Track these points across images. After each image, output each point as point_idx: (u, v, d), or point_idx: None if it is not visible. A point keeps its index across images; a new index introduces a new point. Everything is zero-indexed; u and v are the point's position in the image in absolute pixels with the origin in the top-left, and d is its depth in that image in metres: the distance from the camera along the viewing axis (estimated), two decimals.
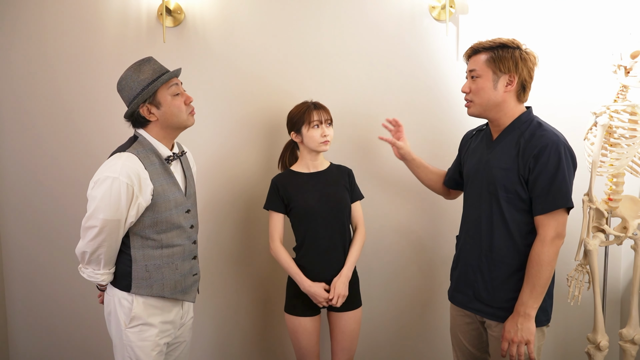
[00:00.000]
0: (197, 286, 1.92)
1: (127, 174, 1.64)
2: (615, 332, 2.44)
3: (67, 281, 2.47)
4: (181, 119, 1.75)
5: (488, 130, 1.87)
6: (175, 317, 1.84)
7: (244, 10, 2.36)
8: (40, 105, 2.39)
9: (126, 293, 1.76)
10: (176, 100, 1.74)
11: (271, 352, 2.55)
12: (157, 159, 1.74)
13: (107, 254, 1.72)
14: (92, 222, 1.67)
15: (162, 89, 1.72)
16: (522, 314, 1.68)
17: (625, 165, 2.10)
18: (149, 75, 1.71)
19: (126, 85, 1.73)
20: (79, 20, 2.34)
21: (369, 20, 2.38)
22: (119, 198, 1.64)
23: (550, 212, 1.67)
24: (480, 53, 1.77)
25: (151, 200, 1.71)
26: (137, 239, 1.75)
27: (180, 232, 1.79)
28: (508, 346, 1.70)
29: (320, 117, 2.07)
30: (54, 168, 2.42)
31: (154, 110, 1.72)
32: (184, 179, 1.85)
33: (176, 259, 1.79)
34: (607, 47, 2.32)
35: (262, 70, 2.39)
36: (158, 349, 1.78)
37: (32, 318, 2.52)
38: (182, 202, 1.79)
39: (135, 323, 1.75)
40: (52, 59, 2.37)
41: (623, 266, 2.53)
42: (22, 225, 2.47)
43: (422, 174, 2.18)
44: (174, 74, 1.76)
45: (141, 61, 1.74)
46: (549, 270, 1.68)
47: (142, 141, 1.74)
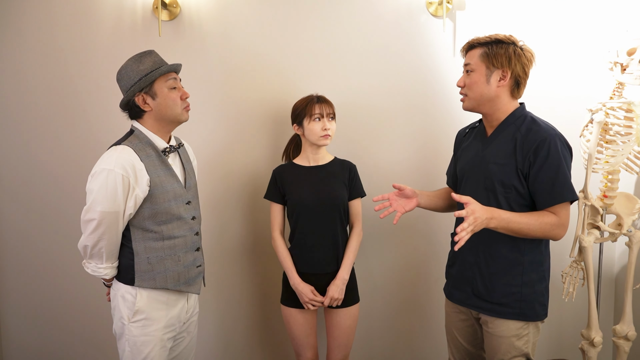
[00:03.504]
0: (201, 278, 1.92)
1: (122, 166, 1.66)
2: (609, 328, 2.46)
3: (64, 275, 2.46)
4: (175, 112, 1.77)
5: (482, 126, 1.88)
6: (180, 311, 1.85)
7: (240, 3, 2.34)
8: (35, 99, 2.37)
9: (130, 287, 1.77)
10: (172, 93, 1.76)
11: (274, 344, 2.55)
12: (153, 151, 1.75)
13: (108, 248, 1.74)
14: (90, 215, 1.69)
15: (160, 81, 1.74)
16: (495, 215, 1.63)
17: (620, 163, 2.11)
18: (148, 66, 1.73)
19: (125, 75, 1.75)
20: (74, 14, 2.32)
21: (366, 15, 2.37)
22: (116, 190, 1.66)
23: (556, 205, 1.69)
24: (476, 48, 1.78)
25: (148, 191, 1.72)
26: (138, 231, 1.76)
27: (181, 223, 1.80)
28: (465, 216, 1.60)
29: (322, 110, 2.06)
30: (50, 161, 2.41)
31: (149, 101, 1.74)
32: (183, 172, 1.86)
33: (178, 250, 1.80)
34: (604, 44, 2.32)
35: (258, 64, 2.38)
36: (161, 344, 1.78)
37: (26, 308, 2.51)
38: (181, 193, 1.80)
39: (139, 317, 1.75)
40: (48, 53, 2.35)
41: (617, 263, 2.54)
42: (19, 220, 2.45)
43: (439, 205, 2.06)
44: (174, 68, 1.78)
45: (143, 53, 1.77)
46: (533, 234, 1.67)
47: (138, 134, 1.76)
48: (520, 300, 1.75)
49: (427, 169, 2.46)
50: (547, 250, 1.81)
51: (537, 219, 1.67)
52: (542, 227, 1.67)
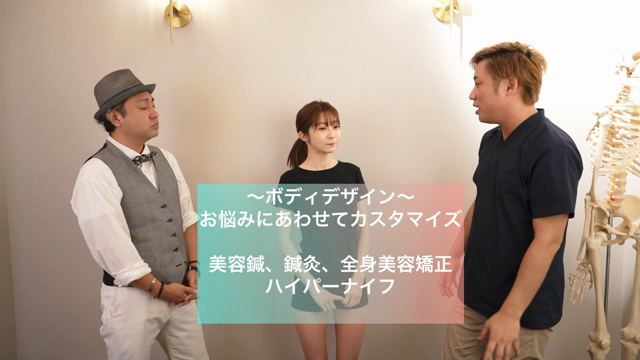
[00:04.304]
0: (183, 275, 2.02)
1: (94, 174, 1.82)
2: (616, 330, 2.46)
3: (74, 281, 2.50)
4: (143, 130, 1.91)
5: (500, 132, 1.89)
6: (162, 307, 1.95)
7: (251, 11, 2.38)
8: (48, 105, 2.42)
9: (112, 287, 1.90)
10: (141, 112, 1.90)
11: (282, 347, 2.57)
12: (124, 161, 1.90)
13: (120, 249, 1.81)
14: (83, 227, 1.83)
15: (131, 100, 1.89)
16: (511, 314, 1.68)
17: (627, 165, 2.12)
18: (122, 85, 1.87)
19: (100, 90, 1.90)
20: (87, 21, 2.37)
21: (373, 21, 2.40)
22: (95, 196, 1.79)
23: (547, 216, 1.67)
24: (482, 60, 1.79)
25: (122, 196, 1.86)
26: None
27: (156, 225, 1.93)
28: (496, 346, 1.68)
29: (327, 119, 2.09)
30: (62, 168, 2.45)
31: (120, 117, 1.89)
32: (156, 178, 1.98)
33: (154, 251, 1.92)
34: (610, 48, 2.33)
35: (268, 71, 2.41)
36: (142, 337, 1.89)
37: (40, 318, 2.55)
38: (154, 197, 1.93)
39: (120, 312, 1.88)
40: (60, 59, 2.39)
41: (625, 265, 2.55)
42: (30, 227, 2.50)
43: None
44: (146, 89, 1.91)
45: (119, 71, 1.90)
46: (542, 274, 1.68)
47: (110, 147, 1.92)
48: None
49: (433, 175, 2.47)
50: (555, 260, 1.77)
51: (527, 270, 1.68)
52: (535, 267, 1.67)
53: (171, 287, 1.94)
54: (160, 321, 1.97)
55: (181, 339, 2.04)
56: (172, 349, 2.06)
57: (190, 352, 2.06)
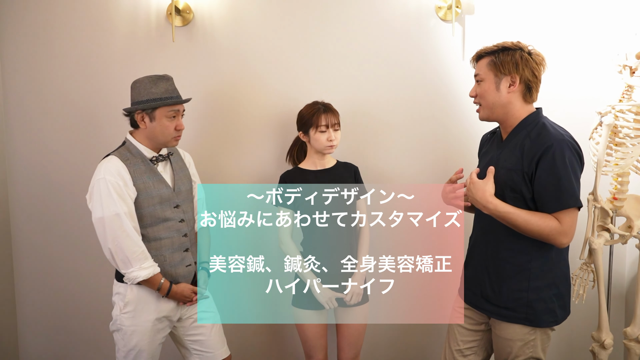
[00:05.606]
0: (192, 275, 2.02)
1: (110, 173, 1.83)
2: (619, 330, 2.45)
3: (76, 279, 2.51)
4: (165, 139, 1.92)
5: (499, 131, 1.89)
6: (172, 306, 1.96)
7: (252, 10, 2.38)
8: (50, 104, 2.43)
9: (122, 283, 1.91)
10: (168, 122, 1.90)
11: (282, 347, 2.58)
12: (140, 160, 1.90)
13: (130, 249, 1.82)
14: (96, 224, 1.84)
15: (164, 109, 1.89)
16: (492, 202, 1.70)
17: (630, 165, 2.11)
18: (160, 91, 1.88)
19: (137, 88, 1.90)
20: (89, 20, 2.38)
21: (375, 20, 2.40)
22: (109, 193, 1.80)
23: (556, 212, 1.67)
24: (484, 58, 1.80)
25: (136, 196, 1.87)
26: None
27: (167, 225, 1.93)
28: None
29: (328, 121, 2.09)
30: (64, 166, 2.46)
31: (147, 121, 1.89)
32: (173, 178, 1.99)
33: (164, 251, 1.93)
34: (613, 47, 2.32)
35: (270, 70, 2.41)
36: (150, 335, 1.90)
37: (42, 315, 2.56)
38: (168, 197, 1.93)
39: (129, 309, 1.90)
40: (62, 58, 2.40)
41: (628, 265, 2.54)
42: (33, 224, 2.51)
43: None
44: (182, 102, 1.93)
45: (161, 76, 1.91)
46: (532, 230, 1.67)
47: (128, 145, 1.93)
48: (526, 305, 1.76)
49: (434, 175, 2.47)
50: (559, 258, 1.78)
51: (537, 219, 1.67)
52: (541, 228, 1.66)
53: (180, 287, 1.95)
54: (170, 319, 1.98)
55: (199, 333, 2.04)
56: (188, 342, 2.05)
57: (209, 344, 2.06)
